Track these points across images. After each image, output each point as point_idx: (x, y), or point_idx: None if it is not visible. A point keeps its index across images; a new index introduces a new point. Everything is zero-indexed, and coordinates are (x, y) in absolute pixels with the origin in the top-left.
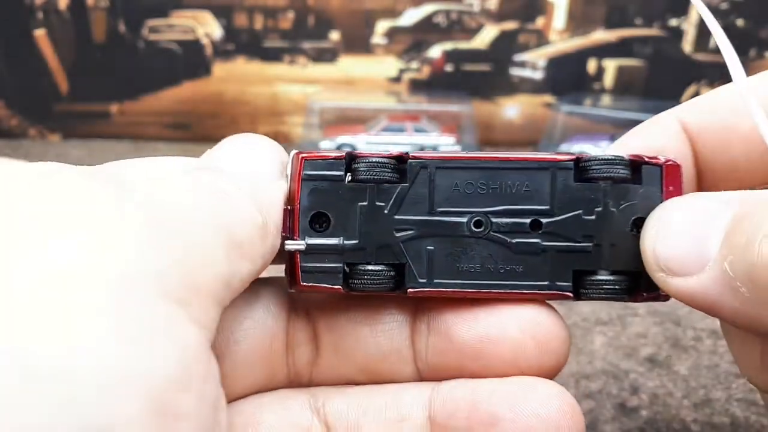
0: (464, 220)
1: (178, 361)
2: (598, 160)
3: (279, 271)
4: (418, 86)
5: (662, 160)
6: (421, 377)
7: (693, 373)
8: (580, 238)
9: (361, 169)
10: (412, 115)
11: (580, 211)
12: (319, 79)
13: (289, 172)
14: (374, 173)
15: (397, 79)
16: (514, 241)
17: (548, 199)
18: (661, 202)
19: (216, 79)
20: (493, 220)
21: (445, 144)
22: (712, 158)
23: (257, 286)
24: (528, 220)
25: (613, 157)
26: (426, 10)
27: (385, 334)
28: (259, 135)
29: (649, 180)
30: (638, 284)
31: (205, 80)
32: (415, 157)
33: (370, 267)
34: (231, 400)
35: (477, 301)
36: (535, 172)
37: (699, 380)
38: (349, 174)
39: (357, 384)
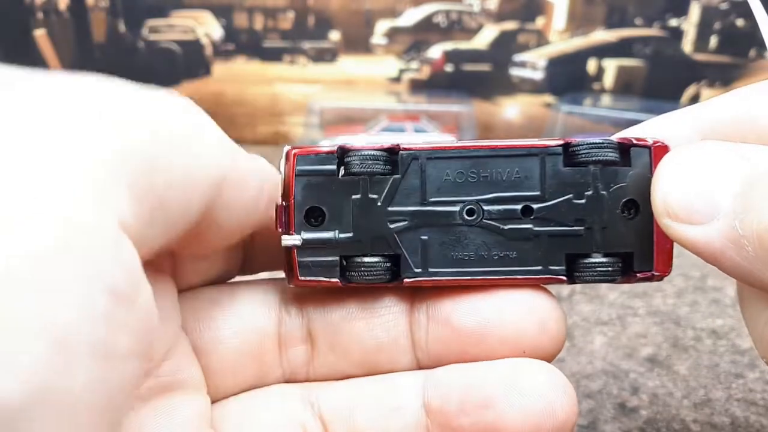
0: (457, 209)
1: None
2: (587, 144)
3: (270, 272)
4: (418, 86)
5: (650, 141)
6: (419, 366)
7: (693, 373)
8: (571, 222)
9: (354, 162)
10: (412, 115)
11: (571, 196)
12: (319, 79)
13: (282, 168)
14: (366, 166)
15: (397, 79)
16: (506, 227)
17: (539, 184)
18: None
19: (216, 79)
20: (485, 207)
21: None
22: None
23: (244, 286)
24: (519, 207)
25: (601, 141)
26: (426, 10)
27: (381, 326)
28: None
29: (637, 162)
30: (631, 265)
31: (204, 80)
32: (406, 149)
33: (366, 259)
34: (222, 397)
35: (473, 288)
36: (525, 159)
37: (699, 380)
38: (342, 167)
39: (354, 377)
